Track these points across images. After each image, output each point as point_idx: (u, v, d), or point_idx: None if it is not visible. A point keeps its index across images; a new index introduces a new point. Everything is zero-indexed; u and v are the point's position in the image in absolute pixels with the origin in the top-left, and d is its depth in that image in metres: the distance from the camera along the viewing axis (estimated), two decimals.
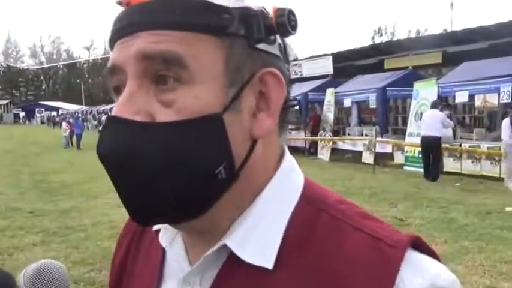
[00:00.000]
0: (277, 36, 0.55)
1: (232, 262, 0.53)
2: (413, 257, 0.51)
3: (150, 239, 0.65)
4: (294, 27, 0.54)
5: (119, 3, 0.56)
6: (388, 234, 0.53)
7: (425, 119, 10.07)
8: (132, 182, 0.50)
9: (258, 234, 0.54)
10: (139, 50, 0.50)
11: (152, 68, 0.50)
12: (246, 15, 0.52)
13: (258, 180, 0.56)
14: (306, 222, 0.54)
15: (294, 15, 0.54)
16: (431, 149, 9.93)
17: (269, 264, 0.52)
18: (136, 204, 0.52)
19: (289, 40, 0.58)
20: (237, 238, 0.53)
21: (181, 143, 0.49)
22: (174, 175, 0.49)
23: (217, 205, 0.52)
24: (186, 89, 0.49)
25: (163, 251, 0.62)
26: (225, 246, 0.53)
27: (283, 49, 0.57)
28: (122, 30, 0.52)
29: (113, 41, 0.54)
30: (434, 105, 10.25)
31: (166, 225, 0.60)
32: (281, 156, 0.59)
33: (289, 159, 0.60)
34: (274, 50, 0.55)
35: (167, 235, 0.62)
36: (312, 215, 0.55)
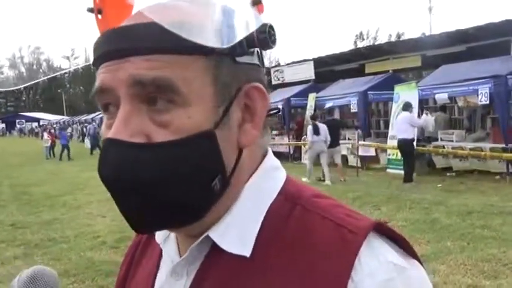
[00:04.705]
0: None
1: (215, 252, 0.58)
2: (373, 242, 0.55)
3: (155, 242, 0.70)
4: (274, 42, 0.57)
5: (90, 11, 0.57)
6: (352, 221, 0.56)
7: (396, 123, 10.36)
8: (134, 199, 0.53)
9: (237, 227, 0.58)
10: (130, 75, 0.52)
11: (144, 91, 0.52)
12: None
13: (243, 180, 0.60)
14: (280, 215, 0.58)
15: (273, 30, 0.57)
16: (404, 151, 10.24)
17: (247, 253, 0.56)
18: (137, 218, 0.56)
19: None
20: (219, 230, 0.58)
21: (179, 161, 0.52)
22: (174, 191, 0.53)
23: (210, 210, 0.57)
24: (180, 110, 0.52)
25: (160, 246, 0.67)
26: (208, 238, 0.58)
27: (260, 55, 0.60)
28: (109, 54, 0.53)
29: (98, 63, 0.55)
30: (405, 108, 10.53)
31: None
32: (264, 156, 0.64)
33: (271, 159, 0.64)
34: (253, 59, 0.59)
35: (162, 233, 0.67)
36: (286, 208, 0.59)
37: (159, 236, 0.67)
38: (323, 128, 10.72)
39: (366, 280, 0.52)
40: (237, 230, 0.57)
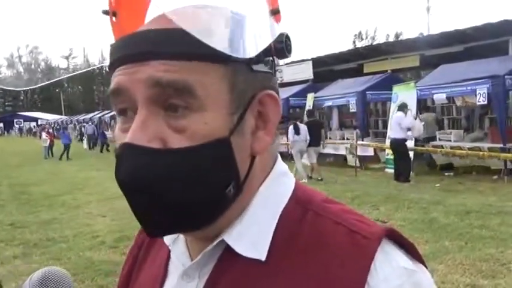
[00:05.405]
0: None
1: (228, 255, 0.58)
2: (386, 248, 0.56)
3: (160, 242, 0.70)
4: (290, 51, 0.59)
5: (105, 13, 0.58)
6: (365, 226, 0.57)
7: (391, 123, 10.51)
8: (149, 203, 0.54)
9: (251, 231, 0.58)
10: (150, 77, 0.52)
11: (162, 95, 0.52)
12: None
13: (256, 186, 0.61)
14: (293, 220, 0.59)
15: (289, 39, 0.59)
16: (396, 150, 10.39)
17: (262, 256, 0.57)
18: (152, 222, 0.56)
19: None
20: (233, 234, 0.58)
21: (194, 167, 0.53)
22: (189, 196, 0.53)
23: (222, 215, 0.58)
24: (196, 116, 0.53)
25: (169, 248, 0.67)
26: (222, 241, 0.58)
27: (273, 63, 0.61)
28: (128, 57, 0.54)
29: (115, 66, 0.56)
30: (400, 108, 10.63)
31: None
32: (274, 161, 0.64)
33: (280, 164, 0.65)
34: (267, 67, 0.59)
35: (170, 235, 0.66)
36: (298, 213, 0.60)
37: (168, 237, 0.67)
38: (303, 128, 11.11)
39: (381, 285, 0.53)
40: (252, 234, 0.58)
